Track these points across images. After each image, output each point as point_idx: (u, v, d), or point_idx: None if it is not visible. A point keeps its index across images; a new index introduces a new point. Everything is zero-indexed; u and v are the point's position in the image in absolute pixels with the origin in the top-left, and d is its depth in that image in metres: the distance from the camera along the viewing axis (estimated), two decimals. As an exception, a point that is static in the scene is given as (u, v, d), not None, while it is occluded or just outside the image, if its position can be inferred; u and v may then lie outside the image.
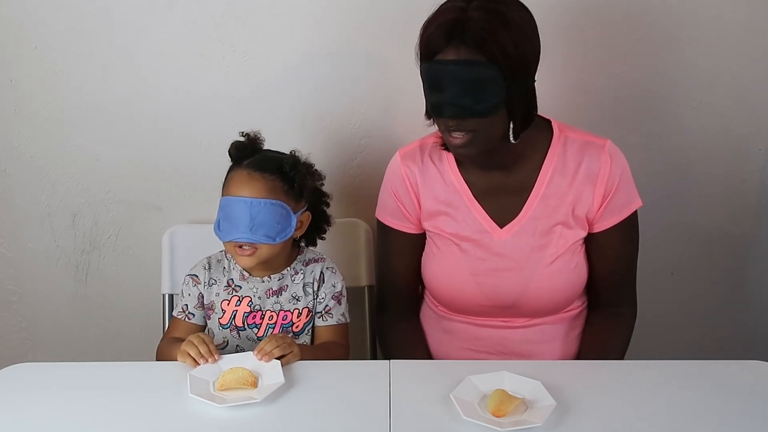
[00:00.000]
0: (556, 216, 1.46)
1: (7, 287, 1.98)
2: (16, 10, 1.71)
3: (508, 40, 1.29)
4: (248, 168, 1.43)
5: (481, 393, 1.22)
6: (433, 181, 1.51)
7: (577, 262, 1.48)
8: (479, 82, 1.29)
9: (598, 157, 1.45)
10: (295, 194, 1.46)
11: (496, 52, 1.28)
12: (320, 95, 1.80)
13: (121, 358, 1.96)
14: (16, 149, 1.84)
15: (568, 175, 1.46)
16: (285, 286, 1.52)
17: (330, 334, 1.53)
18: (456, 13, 1.30)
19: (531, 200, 1.46)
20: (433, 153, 1.52)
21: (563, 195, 1.46)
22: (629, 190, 1.49)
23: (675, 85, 1.83)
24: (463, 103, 1.31)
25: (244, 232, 1.41)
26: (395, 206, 1.55)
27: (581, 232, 1.47)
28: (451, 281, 1.50)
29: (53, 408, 1.20)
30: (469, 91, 1.30)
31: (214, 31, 1.74)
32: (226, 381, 1.25)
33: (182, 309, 1.52)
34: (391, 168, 1.57)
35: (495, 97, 1.31)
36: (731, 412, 1.21)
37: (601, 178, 1.45)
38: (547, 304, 1.49)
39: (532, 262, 1.46)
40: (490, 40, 1.28)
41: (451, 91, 1.31)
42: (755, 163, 1.93)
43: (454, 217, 1.49)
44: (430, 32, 1.33)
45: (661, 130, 1.87)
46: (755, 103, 1.86)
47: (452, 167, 1.50)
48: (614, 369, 1.37)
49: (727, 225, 1.99)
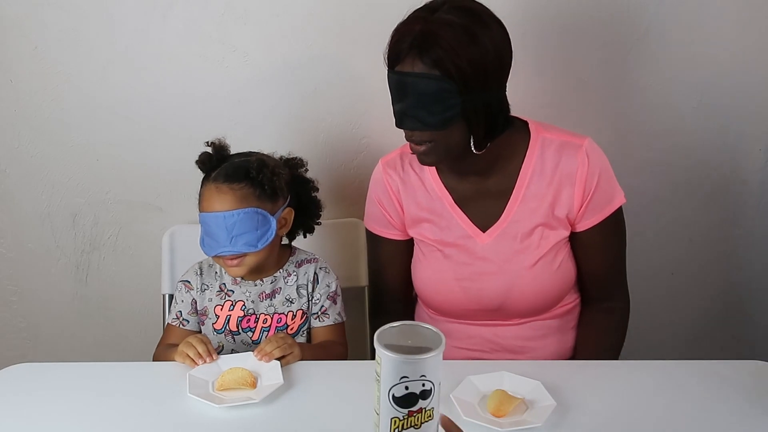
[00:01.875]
0: (536, 218, 1.46)
1: (7, 287, 1.98)
2: (16, 10, 1.71)
3: (466, 56, 1.28)
4: (216, 181, 1.43)
5: (480, 393, 1.22)
6: (414, 189, 1.52)
7: (560, 262, 1.48)
8: (434, 96, 1.30)
9: (575, 157, 1.44)
10: (269, 196, 1.44)
11: (451, 67, 1.28)
12: (320, 95, 1.80)
13: (121, 358, 1.96)
14: (16, 149, 1.84)
15: (546, 177, 1.45)
16: (278, 288, 1.52)
17: (328, 334, 1.53)
18: (419, 24, 1.30)
19: (511, 204, 1.46)
20: (413, 161, 1.50)
21: (542, 196, 1.45)
22: (610, 187, 1.48)
23: (675, 85, 1.83)
24: (418, 115, 1.32)
25: (224, 246, 1.41)
26: (380, 214, 1.56)
27: (564, 232, 1.47)
28: (438, 286, 1.51)
29: (53, 408, 1.20)
30: (424, 103, 1.31)
31: (214, 31, 1.74)
32: (226, 381, 1.25)
33: (176, 316, 1.52)
34: (374, 177, 1.58)
35: (449, 111, 1.31)
36: (731, 412, 1.21)
37: (579, 178, 1.44)
38: (533, 304, 1.49)
39: (515, 264, 1.46)
40: (446, 56, 1.28)
41: (408, 102, 1.33)
42: (755, 163, 1.93)
43: (437, 224, 1.50)
44: (394, 40, 1.34)
45: (661, 130, 1.87)
46: (755, 103, 1.86)
47: (432, 174, 1.51)
48: (614, 369, 1.37)
49: (727, 225, 1.99)
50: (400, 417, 0.91)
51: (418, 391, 0.89)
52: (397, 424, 0.91)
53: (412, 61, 1.30)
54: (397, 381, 0.89)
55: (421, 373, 0.89)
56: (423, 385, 0.89)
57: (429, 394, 0.90)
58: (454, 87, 1.29)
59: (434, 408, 0.92)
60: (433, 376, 0.90)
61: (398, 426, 0.91)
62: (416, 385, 0.89)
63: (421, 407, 0.90)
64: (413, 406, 0.90)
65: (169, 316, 1.55)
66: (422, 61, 1.29)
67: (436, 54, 1.28)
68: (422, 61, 1.29)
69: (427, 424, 0.92)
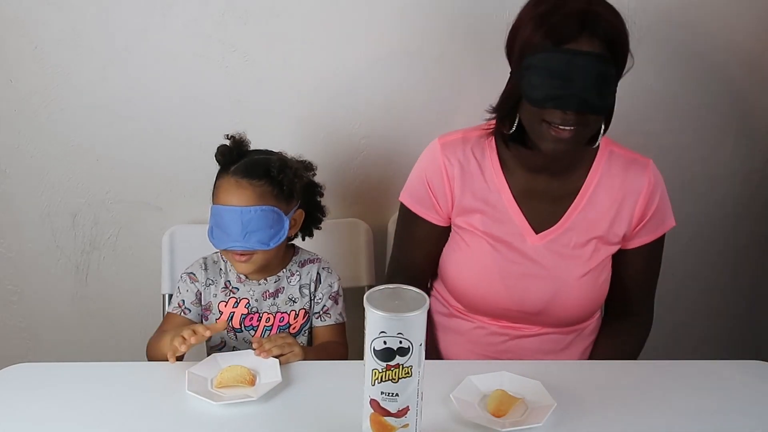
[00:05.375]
0: (594, 230, 1.43)
1: (7, 287, 1.98)
2: (16, 10, 1.71)
3: (626, 40, 1.30)
4: (235, 175, 1.42)
5: (481, 393, 1.22)
6: (473, 177, 1.45)
7: (605, 277, 1.47)
8: (605, 78, 1.27)
9: (642, 176, 1.43)
10: (286, 196, 1.44)
11: (620, 50, 1.28)
12: (320, 95, 1.80)
13: (121, 358, 1.95)
14: (16, 149, 1.84)
15: (612, 191, 1.43)
16: (281, 288, 1.52)
17: (329, 335, 1.53)
18: (582, 5, 1.27)
19: (571, 211, 1.44)
20: (475, 148, 1.46)
21: (604, 210, 1.43)
22: (666, 210, 1.48)
23: (675, 85, 1.83)
24: (589, 98, 1.27)
25: (237, 240, 1.40)
26: (425, 194, 1.49)
27: (614, 248, 1.46)
28: (480, 280, 1.46)
29: (53, 408, 1.20)
30: (596, 86, 1.26)
31: (214, 31, 1.74)
32: (224, 378, 1.25)
33: (178, 304, 1.50)
34: (429, 155, 1.49)
35: (612, 96, 1.31)
36: (731, 412, 1.21)
37: (642, 197, 1.43)
38: (571, 315, 1.47)
39: (564, 272, 1.43)
40: (617, 38, 1.28)
41: (580, 83, 1.26)
42: (755, 163, 1.93)
43: (489, 216, 1.45)
44: (557, 20, 1.27)
45: (661, 130, 1.87)
46: (755, 103, 1.86)
47: (494, 165, 1.45)
48: (614, 369, 1.37)
49: (727, 225, 1.99)
50: (380, 369, 0.99)
51: (395, 347, 0.97)
52: (377, 376, 0.99)
53: (590, 40, 1.26)
54: (376, 335, 0.97)
55: (398, 330, 0.97)
56: (400, 342, 0.97)
57: (407, 352, 0.98)
58: (616, 72, 1.29)
59: (413, 366, 0.99)
60: (410, 335, 0.97)
61: (378, 378, 1.00)
62: (394, 341, 0.97)
63: (398, 363, 0.98)
64: (391, 361, 0.98)
65: (170, 305, 1.53)
66: (599, 42, 1.26)
67: (613, 36, 1.27)
68: (599, 41, 1.26)
69: (405, 380, 0.99)
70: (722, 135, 1.89)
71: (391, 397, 1.00)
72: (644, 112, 1.85)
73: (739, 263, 2.03)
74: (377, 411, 1.01)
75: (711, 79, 1.83)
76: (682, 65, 1.81)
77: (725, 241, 2.00)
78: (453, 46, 1.76)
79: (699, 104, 1.85)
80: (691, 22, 1.77)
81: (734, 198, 1.96)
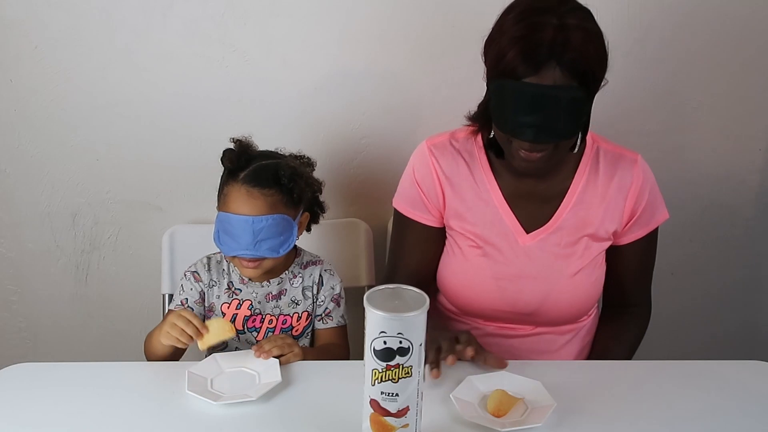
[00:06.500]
0: (584, 228, 1.43)
1: (7, 287, 1.98)
2: (16, 10, 1.71)
3: (597, 62, 1.25)
4: (246, 184, 1.40)
5: (481, 393, 1.22)
6: (462, 178, 1.45)
7: (598, 274, 1.47)
8: (570, 105, 1.24)
9: (630, 171, 1.43)
10: (294, 203, 1.44)
11: (590, 76, 1.24)
12: (320, 95, 1.80)
13: (121, 358, 1.94)
14: (16, 149, 1.84)
15: (600, 187, 1.43)
16: (284, 290, 1.52)
17: (330, 337, 1.53)
18: (552, 32, 1.21)
19: (561, 209, 1.43)
20: (463, 149, 1.45)
21: (594, 207, 1.43)
22: (657, 204, 1.47)
23: (675, 85, 1.83)
24: (553, 127, 1.25)
25: (247, 248, 1.39)
26: (416, 196, 1.48)
27: (606, 245, 1.46)
28: (473, 283, 1.46)
29: (53, 408, 1.20)
30: (561, 114, 1.24)
31: (214, 31, 1.74)
32: (208, 338, 1.30)
33: (181, 303, 1.50)
34: (418, 158, 1.49)
35: (582, 117, 1.29)
36: (731, 412, 1.21)
37: (632, 193, 1.43)
38: (565, 314, 1.48)
39: (556, 271, 1.43)
40: (585, 65, 1.23)
41: (543, 115, 1.24)
42: (755, 163, 1.93)
43: (480, 217, 1.45)
44: (528, 48, 1.22)
45: (661, 130, 1.87)
46: (755, 103, 1.86)
47: (484, 166, 1.44)
48: (614, 369, 1.37)
49: (727, 225, 1.99)
50: (380, 369, 0.99)
51: (395, 347, 0.97)
52: (377, 376, 1.00)
53: (552, 72, 1.21)
54: (376, 335, 0.97)
55: (398, 330, 0.97)
56: (400, 342, 0.97)
57: (407, 352, 0.98)
58: (586, 95, 1.26)
59: (413, 366, 0.99)
60: (410, 335, 0.97)
61: (378, 377, 1.00)
62: (394, 341, 0.97)
63: (398, 363, 0.98)
64: (391, 361, 0.98)
65: (172, 303, 1.52)
66: (562, 72, 1.21)
67: (579, 65, 1.22)
68: (563, 72, 1.21)
69: (405, 380, 0.99)
70: (722, 135, 1.89)
71: (391, 397, 1.00)
72: (644, 111, 1.85)
73: (739, 263, 2.03)
74: (377, 411, 1.01)
75: (711, 79, 1.83)
76: (682, 65, 1.81)
77: (725, 241, 2.00)
78: (453, 45, 1.76)
79: (699, 104, 1.85)
80: (691, 22, 1.77)
81: (733, 198, 1.96)
